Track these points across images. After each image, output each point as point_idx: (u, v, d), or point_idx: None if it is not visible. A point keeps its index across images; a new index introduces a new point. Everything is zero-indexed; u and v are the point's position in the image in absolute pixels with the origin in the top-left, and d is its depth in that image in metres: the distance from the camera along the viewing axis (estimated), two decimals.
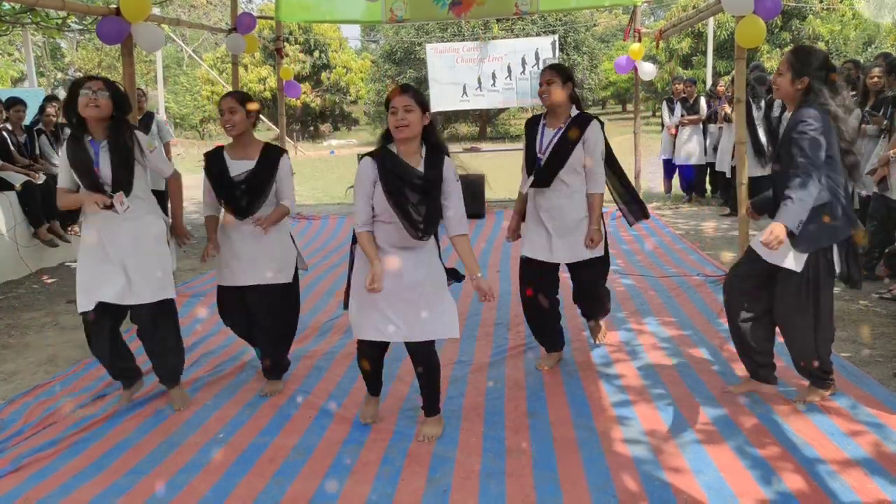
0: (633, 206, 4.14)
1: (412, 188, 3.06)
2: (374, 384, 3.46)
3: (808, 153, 3.05)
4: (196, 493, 2.88)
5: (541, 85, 3.82)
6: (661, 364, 4.09)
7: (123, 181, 3.46)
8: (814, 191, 3.03)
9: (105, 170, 3.45)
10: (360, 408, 3.54)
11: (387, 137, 3.14)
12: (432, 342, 3.22)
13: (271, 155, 3.75)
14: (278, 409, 3.66)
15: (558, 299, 4.09)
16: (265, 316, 3.79)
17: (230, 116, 3.65)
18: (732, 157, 8.53)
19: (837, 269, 3.22)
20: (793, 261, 3.20)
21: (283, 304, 3.83)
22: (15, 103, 7.37)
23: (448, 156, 3.18)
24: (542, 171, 3.82)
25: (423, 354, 3.20)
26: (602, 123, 3.86)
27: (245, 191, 3.66)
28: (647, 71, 9.21)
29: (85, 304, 3.43)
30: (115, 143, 3.46)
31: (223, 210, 3.80)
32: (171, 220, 3.74)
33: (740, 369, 3.92)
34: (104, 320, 3.48)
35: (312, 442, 3.30)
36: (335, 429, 3.42)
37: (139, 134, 3.59)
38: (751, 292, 3.43)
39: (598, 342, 4.33)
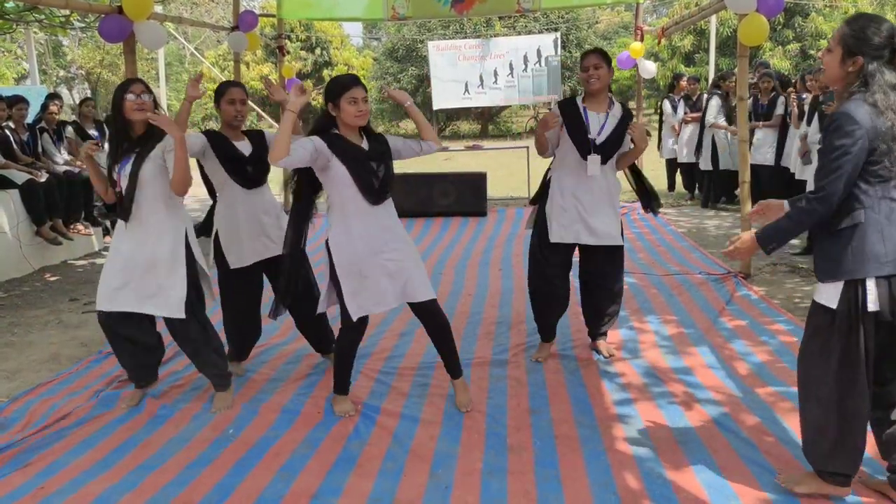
0: (646, 198, 4.18)
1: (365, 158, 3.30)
2: (347, 376, 3.56)
3: (825, 173, 2.39)
4: (202, 489, 2.90)
5: (586, 70, 3.84)
6: (661, 363, 4.09)
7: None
8: (818, 215, 2.43)
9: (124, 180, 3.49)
10: (338, 405, 3.57)
11: (328, 123, 3.33)
12: (434, 301, 3.42)
13: (257, 134, 3.97)
14: (283, 406, 3.67)
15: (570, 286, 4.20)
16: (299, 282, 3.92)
17: (241, 108, 3.82)
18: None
19: (873, 307, 2.40)
20: (823, 293, 2.53)
21: (306, 266, 3.97)
22: (17, 101, 7.38)
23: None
24: (604, 150, 3.87)
25: (430, 314, 3.43)
26: None
27: (255, 165, 3.86)
28: (648, 69, 9.34)
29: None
30: (140, 153, 3.48)
31: (227, 186, 3.87)
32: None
33: (740, 368, 3.93)
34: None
35: (319, 436, 3.33)
36: (341, 425, 3.44)
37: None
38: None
39: (608, 355, 4.18)
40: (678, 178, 10.38)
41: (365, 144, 3.34)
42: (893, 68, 2.39)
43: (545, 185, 4.10)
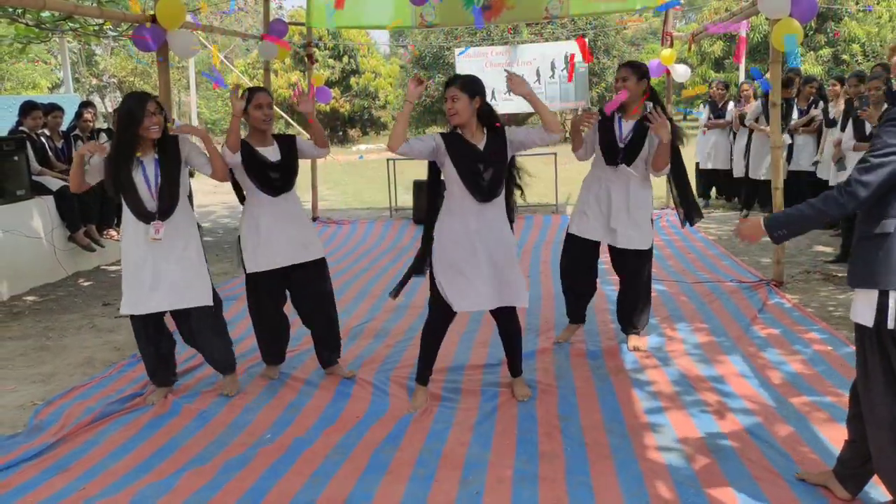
0: (685, 208, 4.33)
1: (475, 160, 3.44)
2: (430, 363, 3.70)
3: (864, 167, 2.30)
4: (236, 492, 2.93)
5: (616, 81, 4.08)
6: (692, 371, 4.05)
7: (170, 202, 3.66)
8: (840, 208, 2.34)
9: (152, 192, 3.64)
10: (414, 398, 3.71)
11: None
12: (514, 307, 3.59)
13: (287, 139, 4.04)
14: (319, 411, 3.70)
15: (597, 272, 4.46)
16: (318, 290, 4.05)
17: (268, 111, 3.90)
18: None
19: (892, 325, 2.31)
20: (859, 310, 2.42)
21: (326, 277, 4.11)
22: (53, 109, 7.50)
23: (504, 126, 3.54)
24: (627, 152, 4.06)
25: (508, 319, 3.63)
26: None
27: (281, 172, 3.93)
28: (681, 73, 9.14)
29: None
30: (165, 159, 3.65)
31: (253, 193, 3.92)
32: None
33: (774, 377, 3.88)
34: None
35: (352, 441, 3.34)
36: (374, 430, 3.45)
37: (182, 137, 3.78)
38: None
39: (632, 349, 4.37)
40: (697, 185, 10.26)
41: (482, 143, 3.46)
42: None
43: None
